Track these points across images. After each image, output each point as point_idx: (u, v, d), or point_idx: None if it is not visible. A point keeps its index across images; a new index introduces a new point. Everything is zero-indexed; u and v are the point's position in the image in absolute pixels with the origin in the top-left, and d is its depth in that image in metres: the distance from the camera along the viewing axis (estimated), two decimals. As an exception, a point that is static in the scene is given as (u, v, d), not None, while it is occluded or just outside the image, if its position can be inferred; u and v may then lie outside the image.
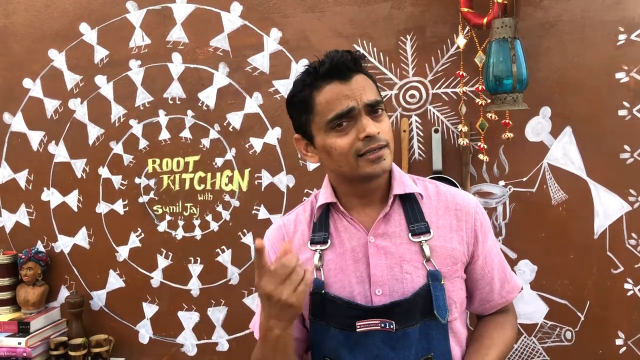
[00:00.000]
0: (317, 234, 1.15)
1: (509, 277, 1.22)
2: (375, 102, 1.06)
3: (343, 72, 1.06)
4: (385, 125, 1.07)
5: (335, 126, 1.06)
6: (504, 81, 1.55)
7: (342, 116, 1.05)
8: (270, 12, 1.87)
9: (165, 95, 1.98)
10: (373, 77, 1.13)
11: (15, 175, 2.11)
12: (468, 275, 1.17)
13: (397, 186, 1.14)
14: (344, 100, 1.05)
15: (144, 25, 1.97)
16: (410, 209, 1.14)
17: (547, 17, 1.68)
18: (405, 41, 1.78)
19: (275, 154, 1.90)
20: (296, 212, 1.24)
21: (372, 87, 1.09)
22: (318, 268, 1.13)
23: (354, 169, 1.07)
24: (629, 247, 1.69)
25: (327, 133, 1.08)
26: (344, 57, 1.07)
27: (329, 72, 1.07)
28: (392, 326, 1.06)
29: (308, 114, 1.10)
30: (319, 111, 1.08)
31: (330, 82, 1.07)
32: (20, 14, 2.07)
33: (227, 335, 1.97)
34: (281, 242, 1.19)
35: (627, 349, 1.70)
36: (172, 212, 2.00)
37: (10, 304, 2.03)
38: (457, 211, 1.15)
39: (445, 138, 1.77)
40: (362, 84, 1.07)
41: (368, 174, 1.07)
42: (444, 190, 1.18)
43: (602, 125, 1.68)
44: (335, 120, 1.06)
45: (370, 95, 1.07)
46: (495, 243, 1.21)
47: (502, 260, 1.22)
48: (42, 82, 2.07)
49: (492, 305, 1.21)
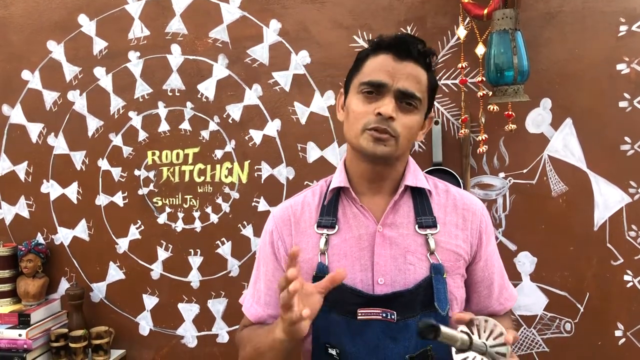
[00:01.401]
0: (324, 217, 1.16)
1: (507, 285, 1.25)
2: (409, 93, 1.06)
3: (401, 52, 1.07)
4: (407, 120, 1.07)
5: (364, 91, 1.08)
6: (505, 73, 1.54)
7: (372, 85, 1.06)
8: (270, 3, 1.86)
9: (165, 87, 1.97)
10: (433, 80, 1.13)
11: (14, 168, 2.11)
12: (468, 277, 1.18)
13: (410, 177, 1.15)
14: (383, 74, 1.06)
15: (143, 16, 1.96)
16: (420, 202, 1.15)
17: (548, 8, 1.67)
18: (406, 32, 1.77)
19: (275, 146, 1.90)
20: (304, 194, 1.24)
21: (419, 81, 1.08)
22: (323, 252, 1.13)
23: (356, 137, 1.08)
24: (629, 238, 1.69)
25: (356, 94, 1.09)
26: (411, 41, 1.08)
27: (390, 44, 1.08)
28: (393, 317, 1.06)
29: (356, 70, 1.12)
30: (362, 71, 1.10)
31: (386, 53, 1.08)
32: (19, 5, 2.05)
33: (227, 327, 1.98)
34: (285, 223, 1.20)
35: (627, 340, 1.70)
36: (172, 204, 2.00)
37: (10, 296, 2.03)
38: (464, 211, 1.16)
39: (445, 130, 1.77)
40: (410, 71, 1.07)
41: (364, 149, 1.07)
42: (452, 190, 1.20)
43: (603, 116, 1.67)
44: (366, 86, 1.07)
45: (410, 85, 1.06)
46: (496, 249, 1.23)
47: (501, 267, 1.24)
48: (41, 74, 2.06)
49: (490, 312, 1.22)
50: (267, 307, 1.22)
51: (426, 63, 1.10)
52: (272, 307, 1.21)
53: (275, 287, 1.20)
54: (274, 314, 1.20)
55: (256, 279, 1.26)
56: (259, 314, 1.22)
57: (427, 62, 1.10)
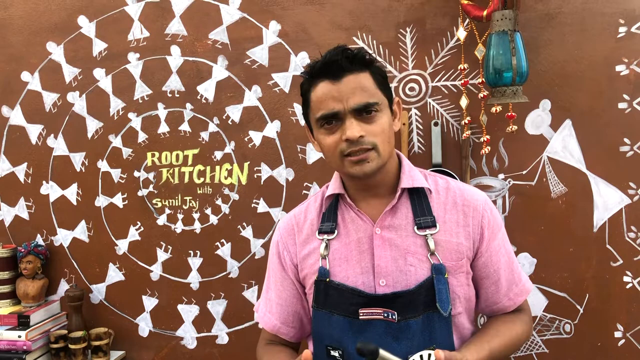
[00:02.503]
0: (325, 223, 1.17)
1: (518, 279, 1.22)
2: (363, 105, 1.05)
3: (334, 72, 1.06)
4: (375, 127, 1.06)
5: (324, 124, 1.08)
6: (503, 74, 1.54)
7: (326, 117, 1.07)
8: (269, 4, 1.86)
9: (164, 88, 1.97)
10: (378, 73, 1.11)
11: (14, 169, 2.11)
12: (473, 273, 1.17)
13: (406, 180, 1.15)
14: (331, 102, 1.06)
15: (143, 17, 1.96)
16: (418, 203, 1.14)
17: (548, 9, 1.67)
18: (405, 34, 1.77)
19: (275, 147, 1.90)
20: (308, 202, 1.27)
21: (365, 87, 1.07)
22: (324, 257, 1.14)
23: (340, 167, 1.10)
24: (628, 240, 1.69)
25: (319, 129, 1.10)
26: (337, 56, 1.07)
27: (321, 70, 1.08)
28: (394, 317, 1.06)
29: (307, 107, 1.13)
30: (312, 107, 1.11)
31: (322, 80, 1.08)
32: (18, 7, 2.05)
33: (226, 328, 1.98)
34: (290, 233, 1.23)
35: (626, 342, 1.70)
36: (172, 205, 2.00)
37: (10, 297, 2.03)
38: (464, 207, 1.15)
39: (444, 131, 1.77)
40: (352, 86, 1.06)
41: (352, 174, 1.09)
42: (453, 186, 1.19)
43: (602, 118, 1.67)
44: (322, 120, 1.08)
45: (360, 98, 1.05)
46: (504, 244, 1.20)
47: (511, 261, 1.21)
48: (41, 75, 2.06)
49: (500, 307, 1.21)
50: (279, 317, 1.26)
51: (362, 64, 1.09)
52: (283, 318, 1.26)
53: (285, 295, 1.23)
54: (284, 328, 1.26)
55: (267, 288, 1.30)
56: (273, 323, 1.27)
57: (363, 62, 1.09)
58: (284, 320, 1.25)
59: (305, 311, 1.25)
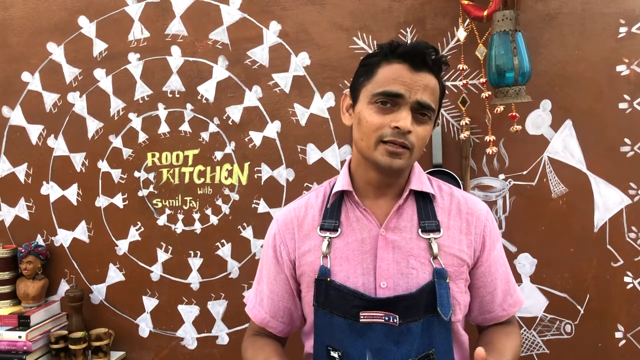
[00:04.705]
0: (327, 220, 1.16)
1: (513, 290, 1.22)
2: (426, 104, 1.05)
3: (416, 62, 1.06)
4: (422, 131, 1.07)
5: (379, 101, 1.06)
6: (506, 74, 1.54)
7: (388, 95, 1.05)
8: (270, 4, 1.86)
9: (165, 88, 1.97)
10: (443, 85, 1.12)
11: (14, 169, 2.11)
12: (471, 281, 1.17)
13: (415, 182, 1.14)
14: (400, 85, 1.05)
15: (143, 18, 1.96)
16: (424, 206, 1.14)
17: (548, 10, 1.67)
18: (405, 34, 1.77)
19: (275, 148, 1.90)
20: (308, 196, 1.24)
21: (434, 92, 1.08)
22: (325, 255, 1.13)
23: (370, 149, 1.07)
24: (629, 240, 1.69)
25: (369, 104, 1.08)
26: (426, 50, 1.06)
27: (405, 54, 1.06)
28: (395, 320, 1.06)
29: (367, 78, 1.10)
30: (375, 80, 1.08)
31: (401, 62, 1.06)
32: (19, 7, 2.05)
33: (227, 328, 1.98)
34: (288, 227, 1.20)
35: (627, 342, 1.70)
36: (172, 205, 2.00)
37: (10, 297, 2.03)
38: (468, 215, 1.16)
39: (445, 131, 1.77)
40: (426, 83, 1.06)
41: (379, 162, 1.07)
42: (457, 194, 1.19)
43: (603, 118, 1.67)
44: (381, 97, 1.06)
45: (426, 97, 1.06)
46: (502, 255, 1.21)
47: (507, 273, 1.22)
48: (41, 76, 2.06)
49: (492, 317, 1.21)
50: (269, 310, 1.24)
51: (440, 70, 1.10)
52: (273, 312, 1.24)
53: (277, 290, 1.22)
54: (273, 322, 1.24)
55: (259, 280, 1.28)
56: (262, 316, 1.25)
57: (440, 69, 1.10)
58: (273, 314, 1.23)
59: (296, 307, 1.24)
